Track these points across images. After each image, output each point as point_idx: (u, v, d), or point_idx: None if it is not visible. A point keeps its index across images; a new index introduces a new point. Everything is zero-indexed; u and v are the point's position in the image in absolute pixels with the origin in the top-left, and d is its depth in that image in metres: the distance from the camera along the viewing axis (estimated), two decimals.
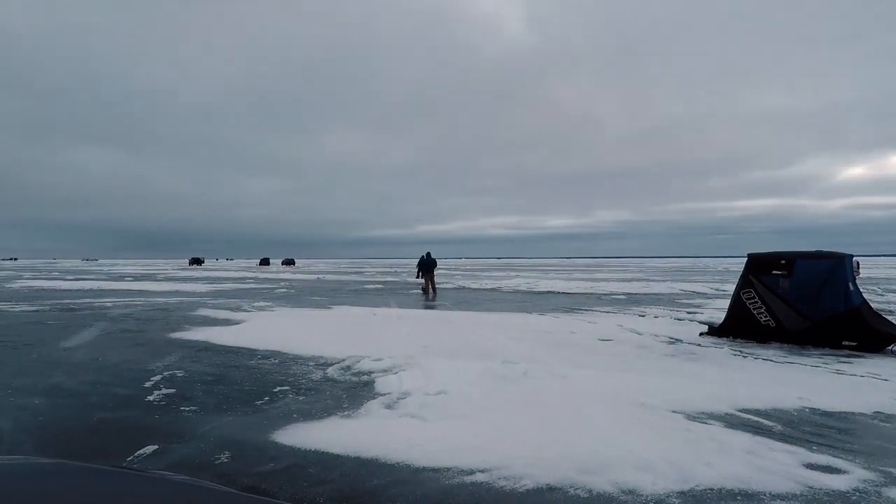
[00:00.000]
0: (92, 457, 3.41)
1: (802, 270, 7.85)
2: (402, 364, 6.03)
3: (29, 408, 4.50)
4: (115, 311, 12.63)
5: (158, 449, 3.55)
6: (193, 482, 1.05)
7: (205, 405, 4.62)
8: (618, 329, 9.51)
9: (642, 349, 7.57)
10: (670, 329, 9.57)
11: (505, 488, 2.97)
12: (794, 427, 4.10)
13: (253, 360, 6.57)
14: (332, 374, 5.79)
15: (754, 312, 8.20)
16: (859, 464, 3.35)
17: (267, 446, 3.63)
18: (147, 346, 7.67)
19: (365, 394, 4.97)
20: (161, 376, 5.67)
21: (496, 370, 5.56)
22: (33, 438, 3.80)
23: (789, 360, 6.82)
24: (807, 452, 3.51)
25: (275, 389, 5.15)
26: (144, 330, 9.32)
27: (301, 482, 3.06)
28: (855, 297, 7.59)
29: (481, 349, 7.29)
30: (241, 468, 3.26)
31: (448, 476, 3.13)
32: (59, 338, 8.30)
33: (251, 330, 9.12)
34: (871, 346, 7.34)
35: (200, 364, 6.37)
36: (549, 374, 5.55)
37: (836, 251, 7.99)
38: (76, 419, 4.23)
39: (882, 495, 2.92)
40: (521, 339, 8.29)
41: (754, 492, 2.91)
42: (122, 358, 6.72)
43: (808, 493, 2.91)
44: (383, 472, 3.20)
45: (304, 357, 6.75)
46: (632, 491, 2.92)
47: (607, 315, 12.01)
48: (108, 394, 5.01)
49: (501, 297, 18.24)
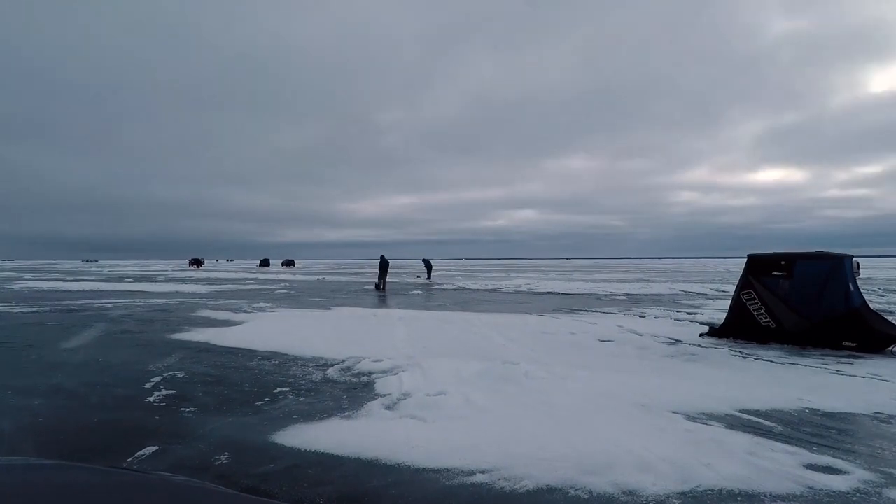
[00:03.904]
0: (92, 457, 3.41)
1: (802, 271, 7.85)
2: (403, 365, 6.03)
3: (29, 409, 4.50)
4: (115, 312, 12.63)
5: (158, 450, 3.55)
6: (193, 483, 1.05)
7: (205, 406, 4.62)
8: (618, 330, 9.51)
9: (642, 350, 7.56)
10: (670, 330, 9.57)
11: (505, 489, 2.97)
12: (794, 428, 4.10)
13: (253, 361, 6.57)
14: (333, 375, 5.79)
15: (754, 313, 8.20)
16: (860, 464, 3.34)
17: (267, 447, 3.63)
18: (147, 347, 7.67)
19: (365, 394, 4.97)
20: (161, 377, 5.67)
21: (496, 371, 5.56)
22: (34, 439, 3.80)
23: (789, 361, 6.82)
24: (807, 453, 3.50)
25: (275, 390, 5.15)
26: (144, 331, 9.32)
27: (301, 483, 3.06)
28: (855, 297, 7.59)
29: (481, 350, 7.29)
30: (241, 469, 3.26)
31: (448, 476, 3.13)
32: (60, 339, 8.30)
33: (251, 331, 9.12)
34: (871, 347, 7.34)
35: (200, 365, 6.37)
36: (550, 375, 5.55)
37: (836, 252, 7.99)
38: (76, 420, 4.23)
39: (882, 496, 2.92)
40: (521, 339, 8.29)
41: (755, 492, 2.91)
42: (123, 359, 6.72)
43: (808, 494, 2.91)
44: (383, 472, 3.20)
45: (305, 358, 6.75)
46: (632, 492, 2.92)
47: (607, 316, 12.00)
48: (109, 395, 5.01)
49: (501, 297, 18.23)
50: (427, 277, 30.67)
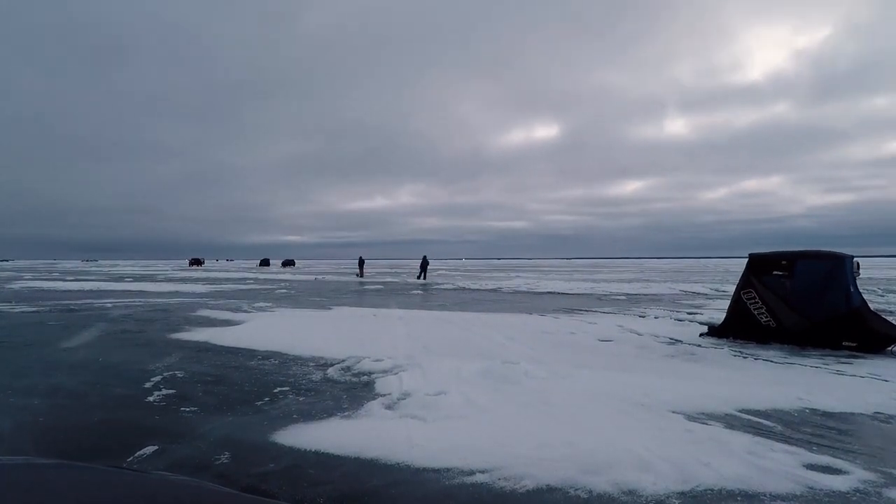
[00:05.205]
0: (92, 457, 3.41)
1: (803, 271, 7.85)
2: (403, 364, 6.03)
3: (29, 408, 4.49)
4: (115, 311, 12.64)
5: (158, 449, 3.55)
6: (193, 482, 1.05)
7: (205, 406, 4.62)
8: (618, 329, 9.51)
9: (642, 350, 7.57)
10: (670, 329, 9.57)
11: (505, 489, 2.97)
12: (794, 427, 4.10)
13: (253, 361, 6.57)
14: (333, 375, 5.79)
15: (755, 313, 8.20)
16: (860, 464, 3.34)
17: (267, 447, 3.63)
18: (147, 346, 7.67)
19: (365, 394, 4.97)
20: (161, 377, 5.67)
21: (496, 370, 5.56)
22: (33, 439, 3.80)
23: (789, 361, 6.82)
24: (807, 453, 3.50)
25: (275, 390, 5.15)
26: (144, 330, 9.32)
27: (301, 482, 3.06)
28: (855, 297, 7.59)
29: (481, 349, 7.29)
30: (241, 469, 3.25)
31: (448, 476, 3.13)
32: (60, 338, 8.30)
33: (251, 330, 9.11)
34: (872, 347, 7.34)
35: (200, 364, 6.37)
36: (550, 375, 5.55)
37: (837, 251, 7.99)
38: (76, 420, 4.23)
39: (882, 496, 2.92)
40: (522, 339, 8.29)
41: (755, 492, 2.91)
42: (123, 358, 6.72)
43: (808, 494, 2.91)
44: (384, 472, 3.20)
45: (305, 357, 6.75)
46: (632, 491, 2.92)
47: (607, 315, 12.01)
48: (109, 394, 5.01)
49: (502, 297, 18.24)
50: (423, 277, 30.47)
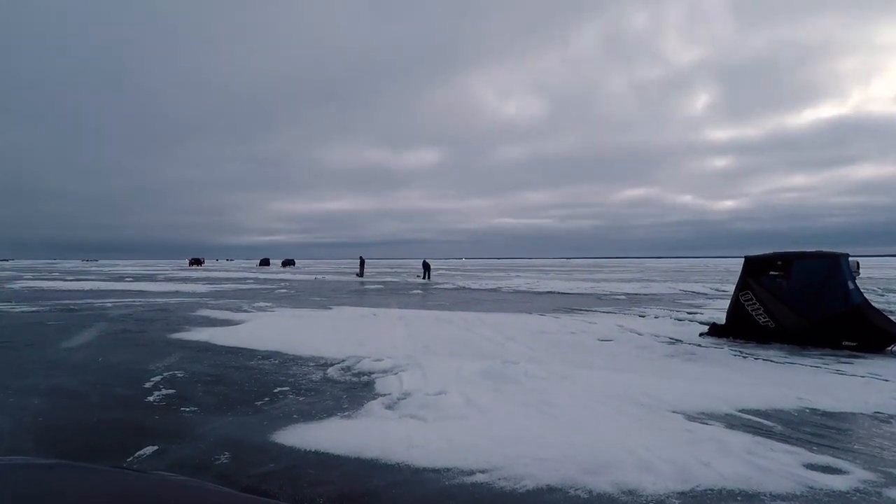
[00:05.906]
0: (92, 457, 3.41)
1: (800, 271, 7.85)
2: (403, 364, 6.03)
3: (29, 408, 4.50)
4: (115, 311, 12.64)
5: (158, 449, 3.55)
6: (193, 482, 1.05)
7: (205, 405, 4.62)
8: (618, 329, 9.51)
9: (643, 349, 7.56)
10: (670, 329, 9.57)
11: (505, 489, 2.97)
12: (794, 427, 4.10)
13: (253, 361, 6.57)
14: (333, 375, 5.79)
15: (753, 314, 8.20)
16: (860, 464, 3.35)
17: (267, 447, 3.63)
18: (147, 346, 7.67)
19: (365, 394, 4.97)
20: (161, 377, 5.67)
21: (496, 370, 5.56)
22: (33, 438, 3.80)
23: (789, 361, 6.82)
24: (807, 453, 3.50)
25: (275, 390, 5.15)
26: (144, 330, 9.33)
27: (301, 482, 3.06)
28: (855, 295, 7.58)
29: (481, 349, 7.29)
30: (241, 469, 3.26)
31: (448, 476, 3.13)
32: (60, 338, 8.30)
33: (251, 330, 9.12)
34: (872, 345, 7.34)
35: (200, 364, 6.37)
36: (550, 375, 5.55)
37: (833, 251, 7.98)
38: (77, 419, 4.23)
39: (882, 496, 2.92)
40: (522, 339, 8.29)
41: (755, 492, 2.91)
42: (123, 358, 6.72)
43: (808, 494, 2.91)
44: (384, 472, 3.20)
45: (305, 357, 6.75)
46: (632, 491, 2.92)
47: (607, 315, 12.01)
48: (109, 394, 5.01)
49: (502, 297, 18.23)
50: (427, 277, 31.07)
